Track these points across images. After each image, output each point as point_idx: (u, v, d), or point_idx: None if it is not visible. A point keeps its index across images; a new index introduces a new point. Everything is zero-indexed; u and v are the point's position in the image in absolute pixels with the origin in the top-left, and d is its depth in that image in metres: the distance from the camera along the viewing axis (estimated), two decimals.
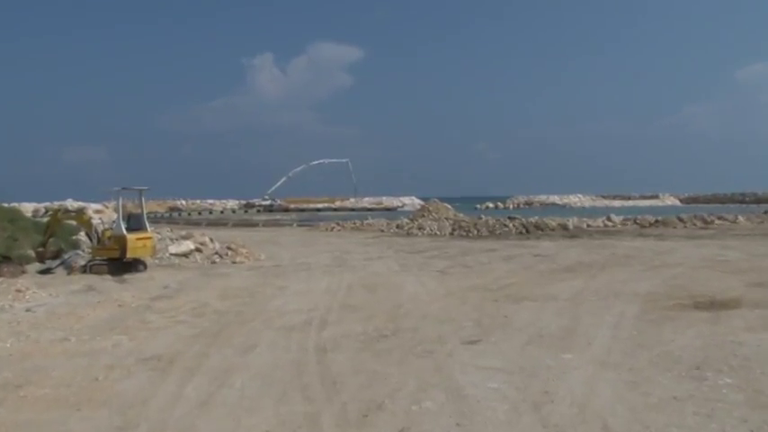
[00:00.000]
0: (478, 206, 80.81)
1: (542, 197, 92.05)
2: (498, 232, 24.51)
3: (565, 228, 25.76)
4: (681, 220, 27.87)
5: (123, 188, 13.26)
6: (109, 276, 12.20)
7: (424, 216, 29.59)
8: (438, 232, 25.40)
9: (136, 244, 12.65)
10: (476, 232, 24.53)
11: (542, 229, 25.22)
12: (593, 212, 39.24)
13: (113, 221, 14.20)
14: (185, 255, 15.26)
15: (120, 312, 8.58)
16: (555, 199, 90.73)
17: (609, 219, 28.84)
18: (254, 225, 36.71)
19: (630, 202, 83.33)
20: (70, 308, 8.85)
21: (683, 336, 6.63)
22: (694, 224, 27.20)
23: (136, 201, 16.38)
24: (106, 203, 50.05)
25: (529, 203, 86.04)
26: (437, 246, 19.55)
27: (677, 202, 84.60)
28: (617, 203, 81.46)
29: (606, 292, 9.57)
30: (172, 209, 72.96)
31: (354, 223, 30.58)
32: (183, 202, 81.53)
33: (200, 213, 67.10)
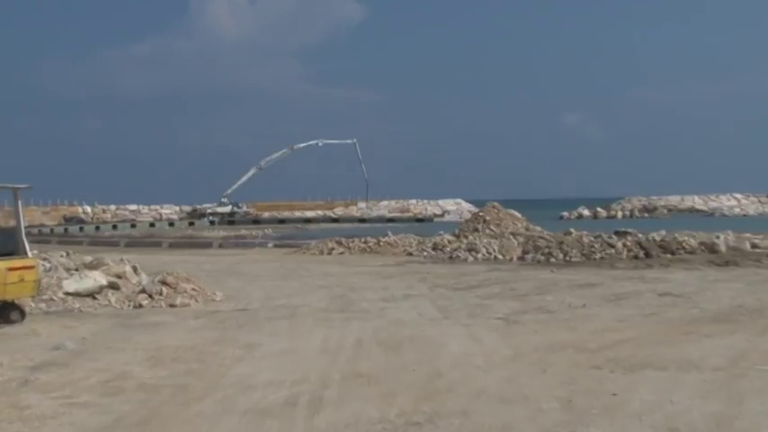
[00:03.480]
0: (566, 214, 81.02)
1: (673, 199, 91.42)
2: (599, 256, 24.37)
3: (712, 249, 25.36)
4: None
5: None
6: None
7: (477, 230, 29.63)
8: (500, 256, 25.42)
9: (6, 278, 12.76)
10: (562, 256, 24.52)
11: (673, 252, 24.93)
12: (761, 224, 38.69)
13: None
14: (91, 294, 15.36)
15: None
16: (694, 202, 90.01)
17: None
18: (204, 245, 36.97)
19: None
20: None
21: None
22: None
23: (7, 206, 16.60)
24: None
25: (650, 209, 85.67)
26: (499, 278, 19.50)
27: None
28: None
29: None
30: (69, 219, 73.93)
31: (365, 242, 30.69)
32: (89, 208, 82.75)
33: (115, 227, 67.93)
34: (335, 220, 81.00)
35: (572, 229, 28.52)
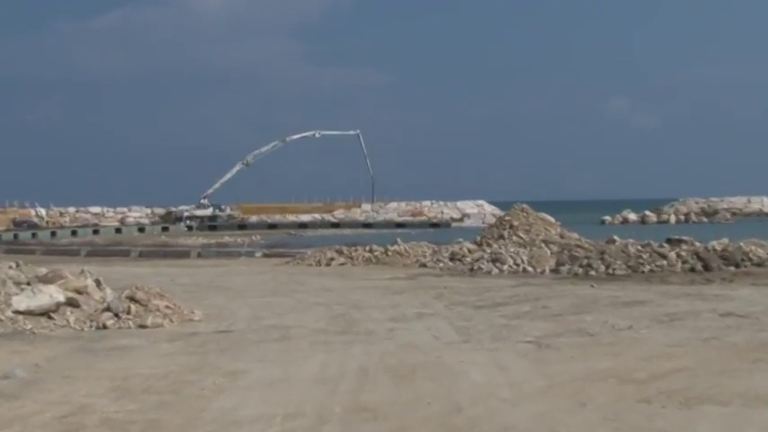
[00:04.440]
0: (608, 219, 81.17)
1: (737, 201, 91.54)
2: (647, 269, 24.38)
3: None
4: None
5: None
6: None
7: (502, 237, 29.69)
8: (530, 268, 25.47)
9: None
10: (603, 268, 24.50)
11: (737, 264, 24.89)
12: None
13: None
14: (46, 313, 15.34)
15: None
16: (763, 204, 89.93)
17: None
18: (180, 255, 37.10)
19: None
20: None
21: None
22: None
23: None
24: None
25: (709, 213, 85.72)
26: (528, 294, 19.54)
27: None
28: None
29: None
30: (19, 224, 74.26)
31: (371, 251, 30.78)
32: (43, 211, 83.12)
33: (75, 233, 68.25)
34: (335, 225, 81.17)
35: (615, 237, 28.43)
